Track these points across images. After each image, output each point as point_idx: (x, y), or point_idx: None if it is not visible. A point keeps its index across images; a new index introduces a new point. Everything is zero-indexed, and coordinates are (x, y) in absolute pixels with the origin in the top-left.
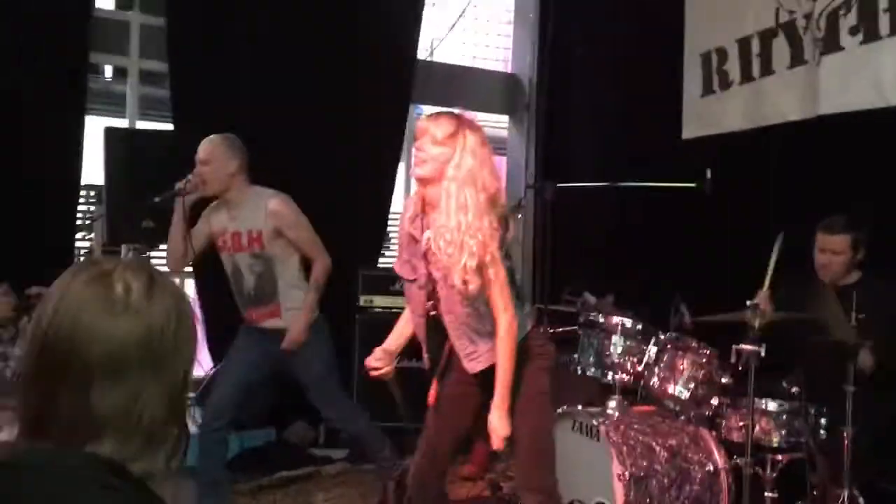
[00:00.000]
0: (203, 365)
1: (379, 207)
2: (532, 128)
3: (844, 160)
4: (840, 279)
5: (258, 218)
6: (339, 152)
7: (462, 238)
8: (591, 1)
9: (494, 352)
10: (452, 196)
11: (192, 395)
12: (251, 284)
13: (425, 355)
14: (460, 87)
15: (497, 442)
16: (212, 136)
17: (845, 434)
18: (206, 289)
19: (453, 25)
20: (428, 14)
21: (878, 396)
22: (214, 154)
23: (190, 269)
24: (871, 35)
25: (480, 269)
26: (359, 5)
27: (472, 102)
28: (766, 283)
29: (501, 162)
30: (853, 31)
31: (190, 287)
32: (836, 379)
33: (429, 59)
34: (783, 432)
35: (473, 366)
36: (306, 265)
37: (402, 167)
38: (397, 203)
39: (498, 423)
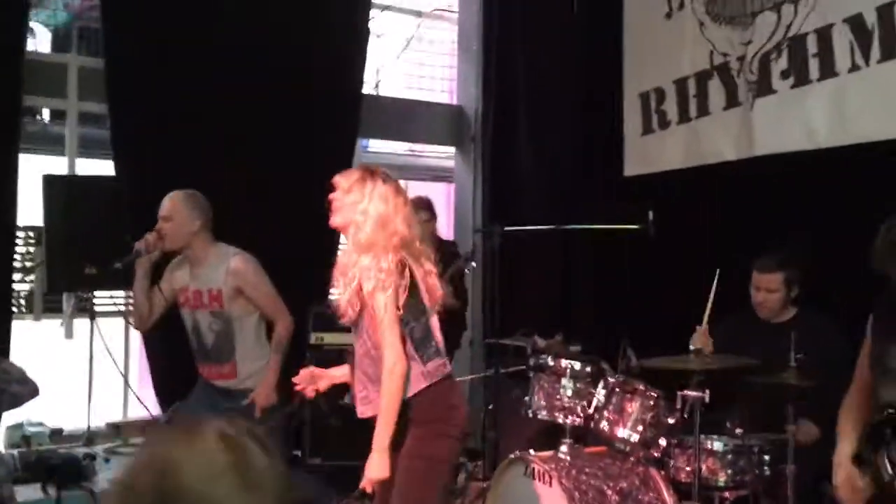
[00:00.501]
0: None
1: (328, 244)
2: (478, 159)
3: (780, 199)
4: (776, 316)
5: (219, 276)
6: (287, 190)
7: (354, 273)
8: (533, 37)
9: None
10: (357, 235)
11: None
12: (209, 342)
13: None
14: (406, 119)
15: (364, 481)
16: (175, 193)
17: (787, 472)
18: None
19: (398, 57)
20: (372, 46)
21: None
22: (176, 211)
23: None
24: (802, 79)
25: (363, 305)
26: (302, 40)
27: (419, 135)
28: (705, 319)
29: (449, 191)
30: (784, 75)
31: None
32: (777, 418)
33: (374, 92)
34: (729, 471)
35: (362, 410)
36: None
37: None
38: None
39: (369, 463)
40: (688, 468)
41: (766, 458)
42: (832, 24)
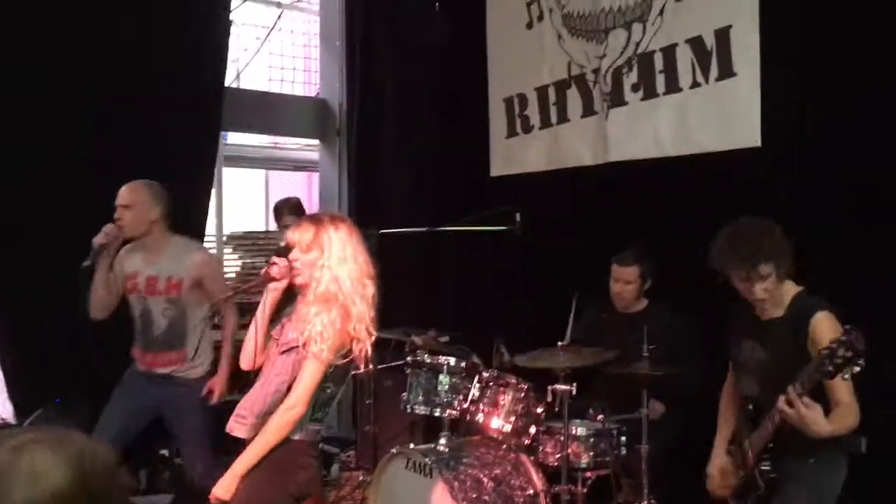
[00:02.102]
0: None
1: (191, 236)
2: (343, 152)
3: (632, 200)
4: (630, 307)
5: (181, 266)
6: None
7: (311, 321)
8: (397, 33)
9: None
10: (318, 290)
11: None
12: (161, 328)
13: None
14: (270, 112)
15: (212, 496)
16: (134, 182)
17: (642, 451)
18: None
19: (258, 50)
20: (232, 39)
21: (668, 416)
22: (137, 199)
23: None
24: (650, 92)
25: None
26: (163, 31)
27: (283, 127)
28: (567, 338)
29: (311, 180)
30: (635, 88)
31: None
32: (632, 403)
33: (235, 84)
34: (591, 453)
35: (234, 427)
36: None
37: (214, 194)
38: (209, 229)
39: (220, 481)
40: (556, 453)
41: (623, 439)
42: (676, 43)
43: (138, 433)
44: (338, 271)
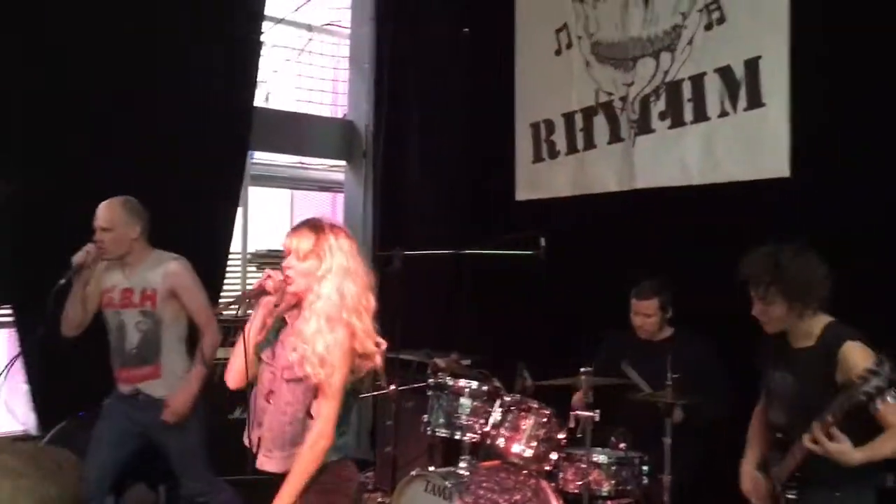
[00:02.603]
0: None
1: (217, 254)
2: (370, 174)
3: (658, 227)
4: (654, 336)
5: (155, 277)
6: (176, 202)
7: (314, 342)
8: (425, 56)
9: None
10: (316, 304)
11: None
12: (134, 342)
13: None
14: (297, 133)
15: None
16: (111, 201)
17: (664, 480)
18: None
19: (288, 71)
20: (262, 60)
21: (691, 445)
22: (116, 220)
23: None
24: (678, 121)
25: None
26: (195, 51)
27: (310, 148)
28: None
29: (335, 200)
30: (662, 116)
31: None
32: (654, 432)
33: (264, 104)
34: (613, 482)
35: (265, 462)
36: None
37: (239, 212)
38: (235, 247)
39: None
40: (576, 481)
41: (646, 468)
42: (705, 72)
43: (129, 460)
44: (340, 283)
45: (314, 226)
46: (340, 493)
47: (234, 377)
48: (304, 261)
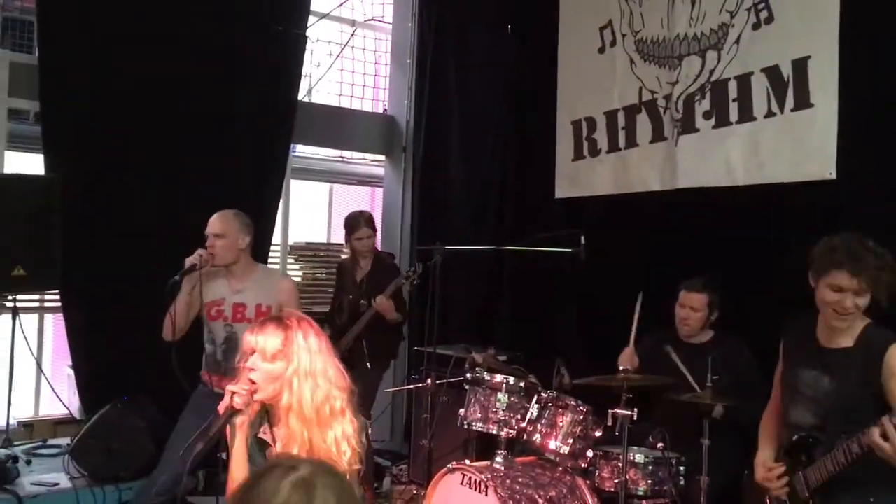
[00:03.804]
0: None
1: (259, 245)
2: (409, 169)
3: (700, 228)
4: (695, 337)
5: (270, 293)
6: (220, 192)
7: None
8: (467, 53)
9: None
10: (294, 408)
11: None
12: None
13: None
14: (339, 127)
15: None
16: (224, 211)
17: (702, 482)
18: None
19: (331, 66)
20: (306, 55)
21: (729, 448)
22: (228, 229)
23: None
24: (722, 120)
25: None
26: (241, 45)
27: (351, 142)
28: (631, 340)
29: (373, 195)
30: (707, 116)
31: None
32: (693, 432)
33: (307, 98)
34: (649, 481)
35: None
36: None
37: (280, 205)
38: (276, 237)
39: None
40: (612, 479)
41: (683, 469)
42: (751, 72)
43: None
44: (302, 388)
45: (280, 322)
46: None
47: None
48: (271, 362)
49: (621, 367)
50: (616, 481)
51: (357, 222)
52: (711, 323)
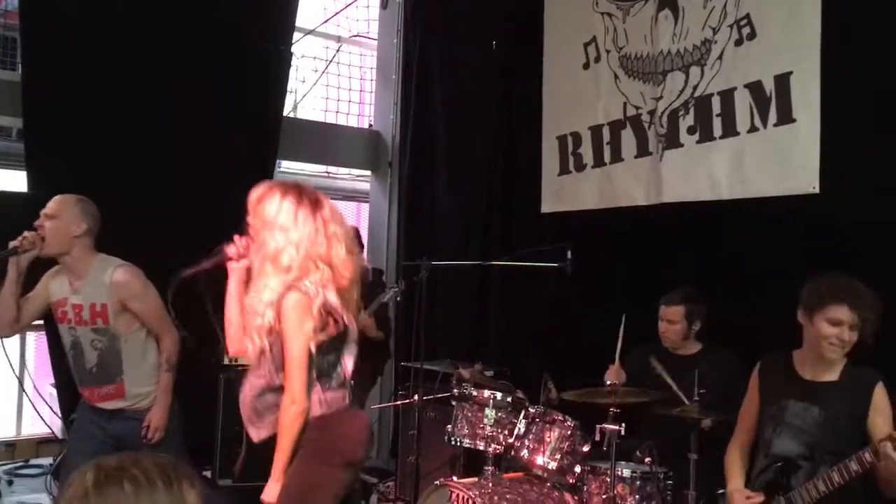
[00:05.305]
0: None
1: None
2: (395, 184)
3: (685, 242)
4: (681, 348)
5: (102, 290)
6: (204, 208)
7: (269, 307)
8: (452, 69)
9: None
10: (278, 261)
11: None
12: (93, 361)
13: None
14: (324, 142)
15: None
16: (65, 194)
17: (689, 496)
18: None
19: (316, 82)
20: (291, 70)
21: (717, 462)
22: (63, 211)
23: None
24: (706, 135)
25: (274, 341)
26: (225, 62)
27: (336, 157)
28: (616, 358)
29: (359, 210)
30: (691, 131)
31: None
32: (680, 447)
33: (293, 114)
34: (637, 496)
35: (255, 434)
36: None
37: None
38: None
39: (266, 490)
40: (600, 494)
41: (670, 483)
42: (735, 87)
43: None
44: (295, 238)
45: (276, 185)
46: (331, 451)
47: (233, 345)
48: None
49: (608, 382)
50: (604, 497)
51: None
52: (696, 334)
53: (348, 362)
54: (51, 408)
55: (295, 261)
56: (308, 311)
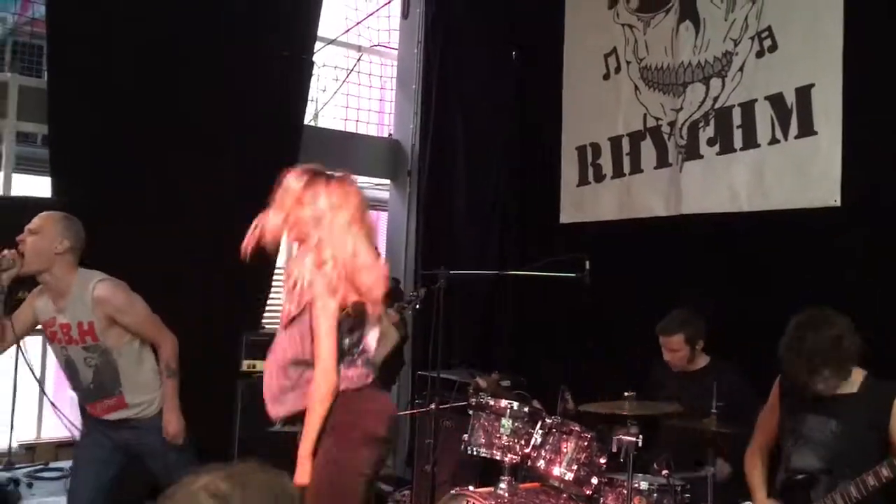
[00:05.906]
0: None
1: (262, 271)
2: (414, 193)
3: (704, 253)
4: (688, 367)
5: (85, 307)
6: (223, 216)
7: (302, 274)
8: (472, 79)
9: (299, 400)
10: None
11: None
12: (89, 378)
13: None
14: (344, 150)
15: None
16: (52, 211)
17: None
18: None
19: (337, 91)
20: (312, 79)
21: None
22: (46, 227)
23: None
24: (727, 147)
25: (304, 309)
26: (247, 70)
27: (356, 166)
28: None
29: (381, 221)
30: (711, 143)
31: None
32: (697, 460)
33: (313, 123)
34: None
35: (274, 409)
36: None
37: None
38: (280, 261)
39: (297, 475)
40: None
41: (688, 496)
42: (755, 99)
43: (117, 477)
44: (327, 220)
45: (311, 171)
46: (357, 426)
47: None
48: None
49: (626, 394)
50: None
51: None
52: (703, 349)
53: (371, 341)
54: (67, 413)
55: (331, 258)
56: (340, 280)
